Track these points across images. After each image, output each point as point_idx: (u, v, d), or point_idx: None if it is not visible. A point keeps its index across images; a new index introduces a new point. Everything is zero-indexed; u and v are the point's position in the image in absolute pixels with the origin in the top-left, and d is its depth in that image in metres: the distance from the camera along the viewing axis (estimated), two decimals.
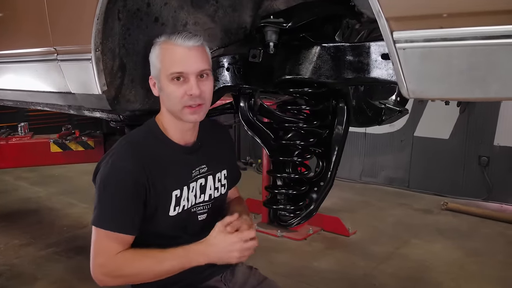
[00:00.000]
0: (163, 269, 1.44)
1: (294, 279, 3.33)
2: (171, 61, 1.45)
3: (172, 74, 1.43)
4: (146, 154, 1.48)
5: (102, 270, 1.43)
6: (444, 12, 0.91)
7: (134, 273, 1.45)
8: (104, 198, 1.44)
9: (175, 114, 1.50)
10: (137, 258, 1.44)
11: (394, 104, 2.13)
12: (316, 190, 1.81)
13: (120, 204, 1.43)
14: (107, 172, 1.44)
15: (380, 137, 5.85)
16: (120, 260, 1.42)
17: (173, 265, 1.44)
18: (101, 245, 1.43)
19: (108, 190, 1.43)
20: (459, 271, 3.50)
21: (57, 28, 1.77)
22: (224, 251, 1.45)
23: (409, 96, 1.02)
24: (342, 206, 5.05)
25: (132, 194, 1.43)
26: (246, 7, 1.78)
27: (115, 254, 1.42)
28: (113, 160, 1.45)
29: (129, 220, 1.45)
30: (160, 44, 1.47)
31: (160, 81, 1.47)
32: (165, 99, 1.50)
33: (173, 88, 1.44)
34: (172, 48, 1.45)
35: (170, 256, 1.44)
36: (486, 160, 5.10)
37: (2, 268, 3.47)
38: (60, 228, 4.33)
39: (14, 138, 4.06)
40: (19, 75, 2.20)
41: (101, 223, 1.43)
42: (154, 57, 1.49)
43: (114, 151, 1.49)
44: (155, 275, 1.45)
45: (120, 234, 1.43)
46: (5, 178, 6.15)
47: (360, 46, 1.49)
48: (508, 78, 0.90)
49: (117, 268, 1.42)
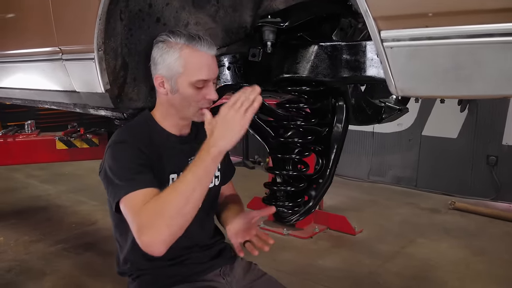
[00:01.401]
0: (187, 180, 1.32)
1: (299, 277, 3.35)
2: (198, 68, 1.48)
3: (198, 82, 1.49)
4: (143, 136, 1.54)
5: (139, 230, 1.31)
6: (430, 11, 0.93)
7: (165, 203, 1.31)
8: (117, 170, 1.44)
9: (185, 114, 1.55)
10: (161, 195, 1.34)
11: (395, 103, 2.15)
12: (315, 188, 1.83)
13: (132, 167, 1.43)
14: (111, 150, 1.49)
15: (388, 136, 5.84)
16: (146, 206, 1.33)
17: (192, 171, 1.32)
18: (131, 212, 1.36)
19: (119, 161, 1.46)
20: (464, 270, 3.50)
21: (62, 28, 1.82)
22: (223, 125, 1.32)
23: (397, 94, 1.04)
24: (349, 205, 5.06)
25: (140, 158, 1.46)
26: (246, 7, 1.80)
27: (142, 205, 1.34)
28: (114, 140, 1.51)
29: (148, 176, 1.42)
30: (182, 48, 1.48)
31: (177, 83, 1.50)
32: (178, 100, 1.53)
33: (193, 92, 1.50)
34: (198, 55, 1.49)
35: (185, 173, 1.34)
36: (494, 159, 5.08)
37: (12, 264, 3.54)
38: (69, 225, 4.40)
39: (21, 135, 4.14)
40: (27, 74, 2.25)
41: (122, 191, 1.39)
42: (171, 59, 1.49)
43: (113, 136, 1.55)
44: (185, 192, 1.31)
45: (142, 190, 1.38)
46: (16, 176, 6.24)
47: (356, 45, 1.51)
48: (492, 76, 0.92)
49: (148, 213, 1.32)
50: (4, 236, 4.12)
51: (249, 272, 1.77)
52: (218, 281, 1.69)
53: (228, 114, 1.32)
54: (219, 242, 1.80)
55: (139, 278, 1.63)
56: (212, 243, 1.76)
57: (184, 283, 1.62)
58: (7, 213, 4.77)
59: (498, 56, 0.89)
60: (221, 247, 1.79)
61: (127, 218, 1.38)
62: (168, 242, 1.32)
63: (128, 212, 1.37)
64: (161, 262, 1.60)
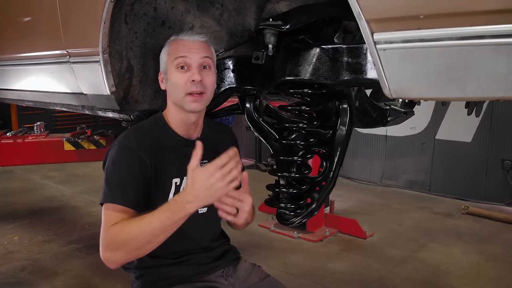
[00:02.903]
0: (154, 226, 1.37)
1: (307, 280, 3.34)
2: (176, 50, 1.58)
3: (177, 59, 1.56)
4: (150, 139, 1.58)
5: (103, 246, 1.42)
6: (421, 14, 0.93)
7: (128, 238, 1.39)
8: (110, 175, 1.52)
9: (179, 103, 1.59)
10: (128, 223, 1.41)
11: (401, 106, 2.14)
12: (318, 190, 1.83)
13: (124, 177, 1.50)
14: (114, 152, 1.54)
15: (401, 140, 5.80)
16: (113, 229, 1.42)
17: (162, 221, 1.37)
18: (104, 221, 1.46)
19: (115, 166, 1.52)
20: (476, 276, 3.45)
21: (69, 32, 1.85)
22: (206, 186, 1.34)
23: (391, 96, 1.05)
24: (361, 208, 5.03)
25: (137, 169, 1.51)
26: (250, 10, 1.82)
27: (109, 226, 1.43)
28: (119, 141, 1.56)
29: (132, 193, 1.48)
30: (170, 41, 1.62)
31: (167, 73, 1.60)
32: (170, 89, 1.60)
33: (178, 75, 1.57)
34: (179, 41, 1.60)
35: (157, 214, 1.38)
36: (509, 163, 4.99)
37: (26, 263, 3.60)
38: (82, 226, 4.46)
39: (30, 136, 4.22)
40: (37, 77, 2.30)
41: (105, 197, 1.49)
42: (162, 53, 1.62)
43: (121, 136, 1.59)
44: (149, 236, 1.38)
45: (120, 206, 1.46)
46: (32, 177, 6.35)
47: (358, 47, 1.51)
48: (484, 78, 0.91)
49: (111, 239, 1.41)
50: (18, 235, 4.19)
51: (252, 274, 1.77)
52: (220, 282, 1.70)
53: (213, 177, 1.34)
54: (223, 244, 1.81)
55: (142, 278, 1.65)
56: (216, 246, 1.77)
57: (187, 283, 1.64)
58: (22, 213, 4.87)
59: (489, 58, 0.89)
60: (225, 249, 1.80)
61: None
62: (123, 263, 1.47)
63: (102, 220, 1.47)
64: (164, 261, 1.63)
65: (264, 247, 3.93)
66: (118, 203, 1.46)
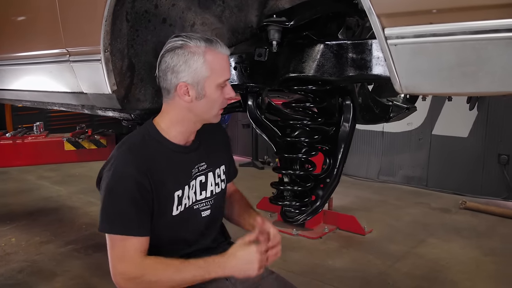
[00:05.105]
0: (184, 278, 1.45)
1: (308, 277, 3.34)
2: (222, 69, 1.49)
3: (224, 82, 1.51)
4: (147, 158, 1.50)
5: (125, 277, 1.43)
6: (434, 8, 0.92)
7: (155, 280, 1.43)
8: (111, 204, 1.46)
9: (207, 119, 1.55)
10: (160, 267, 1.45)
11: (403, 102, 2.14)
12: (322, 187, 1.82)
13: (128, 207, 1.45)
14: (110, 178, 1.46)
15: (397, 136, 5.81)
16: (143, 267, 1.43)
17: (193, 275, 1.45)
18: (121, 251, 1.43)
19: (113, 195, 1.46)
20: (475, 271, 3.46)
21: (69, 30, 1.83)
22: (243, 263, 1.47)
23: (402, 92, 1.04)
24: (359, 205, 5.03)
25: (138, 197, 1.45)
26: (251, 7, 1.80)
27: (139, 259, 1.43)
28: (116, 166, 1.47)
29: (140, 221, 1.46)
30: (205, 52, 1.46)
31: (204, 88, 1.48)
32: (203, 105, 1.50)
33: (219, 94, 1.50)
34: (221, 57, 1.49)
35: (191, 267, 1.46)
36: (506, 158, 5.02)
37: (23, 264, 3.57)
38: (79, 226, 4.43)
39: (29, 137, 4.18)
40: (36, 76, 2.27)
41: (114, 228, 1.45)
42: (198, 64, 1.45)
43: (115, 157, 1.50)
44: (175, 284, 1.45)
45: (136, 237, 1.44)
46: (28, 178, 6.30)
47: (362, 43, 1.51)
48: (497, 72, 0.91)
49: (141, 275, 1.43)
50: (15, 237, 4.16)
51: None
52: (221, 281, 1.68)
53: (253, 259, 1.46)
54: (224, 243, 1.80)
55: None
56: (217, 245, 1.76)
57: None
58: (19, 214, 4.82)
59: (503, 52, 0.88)
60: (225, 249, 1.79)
61: (111, 252, 1.45)
62: None
63: (120, 254, 1.44)
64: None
65: None
66: (131, 235, 1.44)
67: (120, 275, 1.43)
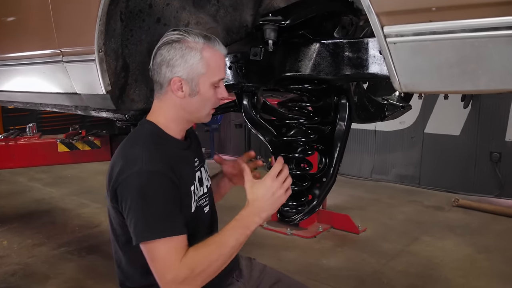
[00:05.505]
0: (230, 247, 1.38)
1: (302, 276, 3.33)
2: (218, 67, 1.47)
3: (220, 80, 1.49)
4: (165, 154, 1.44)
5: (178, 281, 1.33)
6: (433, 6, 0.92)
7: (207, 266, 1.35)
8: (148, 207, 1.35)
9: (198, 118, 1.53)
10: (203, 252, 1.36)
11: (398, 100, 2.14)
12: (319, 186, 1.81)
13: (167, 204, 1.37)
14: (139, 180, 1.36)
15: (390, 134, 5.83)
16: (189, 263, 1.34)
17: (236, 238, 1.39)
18: (163, 258, 1.34)
19: (149, 197, 1.36)
20: (469, 268, 3.49)
21: (62, 30, 1.81)
22: (268, 197, 1.43)
23: (401, 90, 1.04)
24: (353, 203, 5.05)
25: (173, 193, 1.40)
26: (246, 6, 1.79)
27: (181, 258, 1.33)
28: (141, 166, 1.37)
29: (179, 220, 1.39)
30: (203, 48, 1.43)
31: (198, 84, 1.44)
32: (196, 102, 1.47)
33: (213, 92, 1.48)
34: (218, 55, 1.47)
35: (228, 233, 1.40)
36: (497, 156, 5.06)
37: (16, 268, 3.54)
38: (72, 228, 4.40)
39: (22, 138, 4.13)
40: (28, 77, 2.24)
41: (158, 232, 1.34)
42: (194, 60, 1.42)
43: (135, 158, 1.39)
44: (227, 257, 1.39)
45: (178, 237, 1.35)
46: (19, 180, 6.25)
47: (358, 42, 1.50)
48: (497, 70, 0.91)
49: (191, 271, 1.33)
50: (7, 239, 4.12)
51: (252, 269, 1.78)
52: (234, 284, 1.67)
53: (272, 187, 1.43)
54: None
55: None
56: None
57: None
58: (10, 216, 4.78)
59: (503, 50, 0.88)
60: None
61: (155, 263, 1.35)
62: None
63: (164, 262, 1.34)
64: None
65: (258, 244, 3.91)
66: (173, 235, 1.35)
67: (172, 283, 1.33)
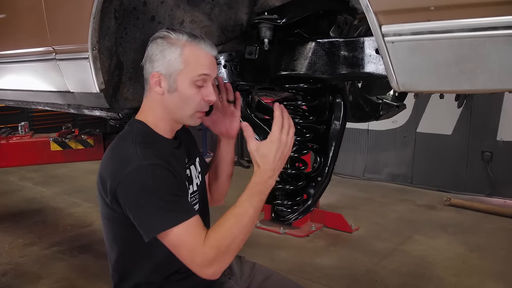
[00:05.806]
0: (249, 216, 1.36)
1: (296, 276, 3.33)
2: (199, 64, 1.42)
3: (200, 76, 1.42)
4: (158, 152, 1.43)
5: (207, 263, 1.33)
6: (431, 5, 0.92)
7: (231, 240, 1.34)
8: (154, 199, 1.34)
9: (180, 117, 1.48)
10: (223, 229, 1.35)
11: (392, 99, 2.15)
12: (314, 185, 1.81)
13: (172, 194, 1.36)
14: (138, 176, 1.34)
15: (382, 134, 5.85)
16: (212, 241, 1.33)
17: (254, 206, 1.37)
18: (187, 242, 1.33)
19: (153, 189, 1.34)
20: (461, 266, 3.51)
21: (55, 28, 1.79)
22: (278, 153, 1.38)
23: (399, 89, 1.03)
24: (345, 203, 5.06)
25: (174, 182, 1.39)
26: (242, 5, 1.79)
27: (204, 238, 1.33)
28: (138, 163, 1.35)
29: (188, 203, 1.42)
30: (184, 45, 1.42)
31: (176, 81, 1.42)
32: (176, 101, 1.44)
33: (194, 92, 1.43)
34: (201, 52, 1.43)
35: (246, 203, 1.37)
36: (489, 155, 5.10)
37: (7, 267, 3.50)
38: (64, 228, 4.37)
39: (14, 137, 4.08)
40: (20, 75, 2.22)
41: (170, 221, 1.32)
42: (173, 56, 1.41)
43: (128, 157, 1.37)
44: (248, 227, 1.37)
45: (193, 219, 1.34)
46: (10, 179, 6.19)
47: (354, 41, 1.50)
48: (495, 69, 0.91)
49: (217, 249, 1.32)
50: None
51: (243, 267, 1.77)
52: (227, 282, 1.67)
53: (280, 143, 1.38)
54: None
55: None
56: None
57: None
58: (1, 216, 4.72)
59: (501, 49, 0.88)
60: None
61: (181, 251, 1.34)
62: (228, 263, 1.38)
63: (189, 248, 1.34)
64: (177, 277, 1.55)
65: (251, 243, 3.91)
66: (189, 217, 1.34)
67: (203, 266, 1.33)
